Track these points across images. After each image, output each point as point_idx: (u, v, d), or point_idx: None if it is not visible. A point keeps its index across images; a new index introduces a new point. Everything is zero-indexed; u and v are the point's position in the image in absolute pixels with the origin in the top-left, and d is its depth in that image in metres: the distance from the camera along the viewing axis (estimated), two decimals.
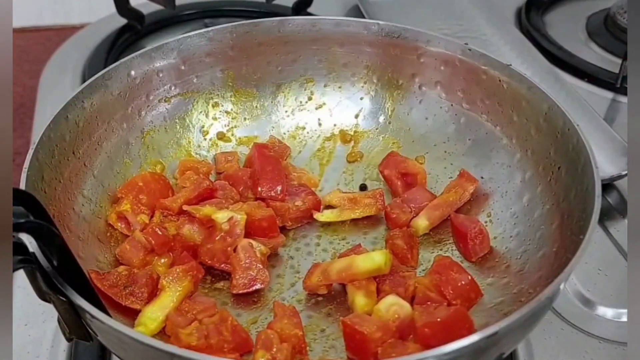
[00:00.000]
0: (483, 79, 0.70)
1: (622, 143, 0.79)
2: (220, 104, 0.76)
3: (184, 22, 1.11)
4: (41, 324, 0.65)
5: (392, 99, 0.76)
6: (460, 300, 0.57)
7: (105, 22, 1.10)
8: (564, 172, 0.60)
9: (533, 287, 0.56)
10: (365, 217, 0.68)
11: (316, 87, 0.78)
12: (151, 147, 0.71)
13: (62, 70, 1.03)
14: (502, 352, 0.49)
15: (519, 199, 0.65)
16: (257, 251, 0.61)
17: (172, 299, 0.57)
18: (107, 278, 0.58)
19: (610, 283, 0.69)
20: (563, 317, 0.66)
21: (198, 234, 0.63)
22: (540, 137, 0.64)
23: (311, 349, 0.56)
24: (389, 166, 0.70)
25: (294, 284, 0.62)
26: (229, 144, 0.75)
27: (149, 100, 0.71)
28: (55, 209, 0.58)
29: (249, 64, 0.75)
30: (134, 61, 0.69)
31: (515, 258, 0.61)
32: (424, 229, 0.66)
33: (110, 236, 0.63)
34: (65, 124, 0.62)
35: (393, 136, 0.76)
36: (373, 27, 0.74)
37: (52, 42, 1.25)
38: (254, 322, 0.58)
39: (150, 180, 0.66)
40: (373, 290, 0.58)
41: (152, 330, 0.55)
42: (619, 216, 0.77)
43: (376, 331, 0.52)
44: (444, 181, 0.71)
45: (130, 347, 0.45)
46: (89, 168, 0.64)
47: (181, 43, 0.72)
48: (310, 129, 0.77)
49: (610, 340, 0.64)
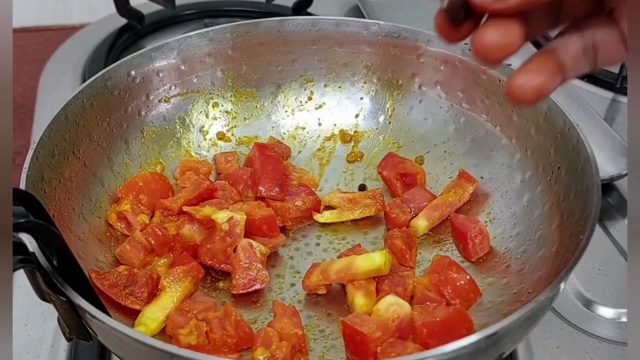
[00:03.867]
0: (483, 79, 0.70)
1: (622, 143, 0.79)
2: (220, 104, 0.76)
3: (184, 22, 1.11)
4: (41, 324, 0.65)
5: (392, 99, 0.76)
6: (459, 300, 0.57)
7: (105, 22, 1.10)
8: (564, 172, 0.60)
9: (533, 287, 0.56)
10: (365, 217, 0.68)
11: (316, 87, 0.78)
12: (151, 147, 0.71)
13: (62, 70, 1.03)
14: (502, 352, 0.50)
15: (519, 199, 0.65)
16: (257, 251, 0.61)
17: (172, 299, 0.57)
18: (107, 278, 0.58)
19: (610, 283, 0.69)
20: (563, 317, 0.66)
21: (198, 234, 0.63)
22: (540, 137, 0.64)
23: (311, 348, 0.56)
24: (388, 167, 0.70)
25: (294, 284, 0.62)
26: (229, 144, 0.75)
27: (149, 100, 0.71)
28: (55, 209, 0.58)
29: (249, 64, 0.76)
30: (134, 61, 0.69)
31: (515, 258, 0.61)
32: (424, 229, 0.66)
33: (110, 236, 0.64)
34: (65, 124, 0.62)
35: (393, 136, 0.76)
36: (373, 27, 0.74)
37: (52, 42, 1.25)
38: (254, 322, 0.58)
39: (150, 180, 0.66)
40: (372, 290, 0.58)
41: (152, 330, 0.55)
42: (619, 216, 0.77)
43: (376, 331, 0.52)
44: (443, 181, 0.71)
45: (130, 347, 0.45)
46: (89, 168, 0.64)
47: (181, 43, 0.72)
48: (310, 129, 0.77)
49: (610, 340, 0.64)
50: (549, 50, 0.40)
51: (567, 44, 0.40)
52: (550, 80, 0.39)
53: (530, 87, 0.38)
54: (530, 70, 0.39)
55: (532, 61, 0.39)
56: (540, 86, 0.38)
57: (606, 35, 0.40)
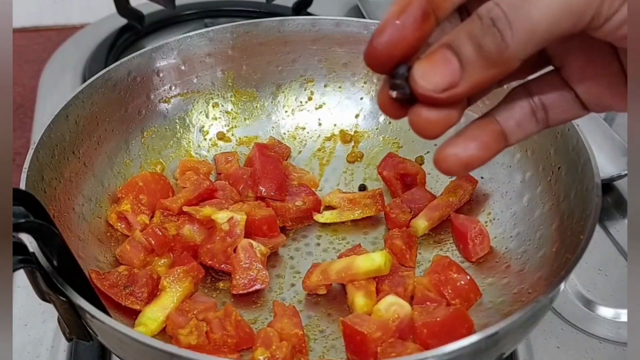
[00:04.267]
0: None
1: (622, 143, 0.79)
2: (220, 104, 0.76)
3: (184, 22, 1.11)
4: (41, 324, 0.65)
5: None
6: (459, 300, 0.57)
7: (105, 22, 1.10)
8: (564, 172, 0.60)
9: (533, 287, 0.56)
10: (365, 217, 0.68)
11: (316, 87, 0.78)
12: (151, 147, 0.71)
13: (62, 70, 1.03)
14: (503, 353, 0.50)
15: (519, 199, 0.65)
16: (257, 251, 0.61)
17: (172, 299, 0.57)
18: (107, 278, 0.58)
19: (610, 283, 0.69)
20: (563, 317, 0.66)
21: (198, 234, 0.63)
22: (540, 137, 0.64)
23: (311, 349, 0.56)
24: (388, 167, 0.70)
25: (294, 284, 0.62)
26: (229, 144, 0.75)
27: (149, 100, 0.71)
28: (55, 209, 0.58)
29: (249, 64, 0.76)
30: (134, 61, 0.69)
31: (516, 258, 0.61)
32: (424, 229, 0.66)
33: (110, 236, 0.64)
34: (65, 124, 0.62)
35: (393, 136, 0.76)
36: (373, 27, 0.74)
37: (52, 42, 1.25)
38: (254, 322, 0.58)
39: (151, 181, 0.66)
40: (372, 291, 0.58)
41: (152, 330, 0.55)
42: (619, 216, 0.77)
43: (376, 331, 0.52)
44: (444, 181, 0.71)
45: (131, 347, 0.45)
46: (89, 168, 0.64)
47: (181, 43, 0.72)
48: (310, 129, 0.77)
49: (610, 340, 0.64)
50: (489, 118, 0.39)
51: (513, 109, 0.39)
52: (482, 151, 0.38)
53: (454, 161, 0.37)
54: (458, 143, 0.38)
55: (466, 131, 0.38)
56: (466, 159, 0.37)
57: (556, 95, 0.39)
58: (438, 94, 0.35)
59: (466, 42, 0.34)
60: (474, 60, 0.34)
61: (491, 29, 0.33)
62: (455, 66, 0.34)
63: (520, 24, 0.32)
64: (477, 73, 0.34)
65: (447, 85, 0.35)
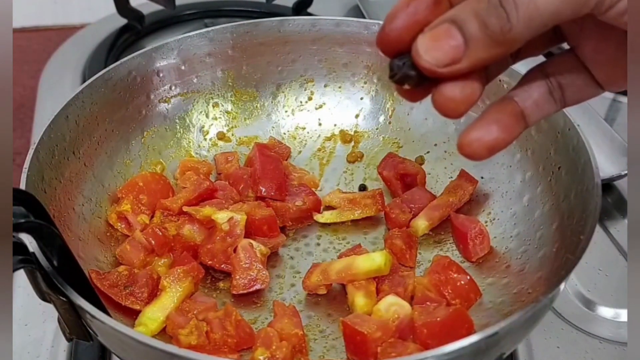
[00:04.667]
0: None
1: (622, 143, 0.79)
2: (220, 104, 0.76)
3: (184, 22, 1.11)
4: (41, 324, 0.65)
5: (393, 99, 0.76)
6: (459, 300, 0.57)
7: (105, 22, 1.10)
8: (564, 172, 0.60)
9: (533, 287, 0.56)
10: (366, 217, 0.68)
11: (316, 87, 0.78)
12: (151, 147, 0.71)
13: (62, 70, 1.03)
14: (503, 353, 0.50)
15: (519, 199, 0.65)
16: (257, 251, 0.61)
17: (172, 299, 0.57)
18: (107, 278, 0.58)
19: (610, 283, 0.69)
20: (563, 317, 0.66)
21: (198, 234, 0.63)
22: (540, 137, 0.64)
23: (311, 349, 0.56)
24: (388, 167, 0.70)
25: (294, 284, 0.62)
26: (229, 144, 0.75)
27: (149, 100, 0.71)
28: (55, 209, 0.58)
29: (249, 64, 0.76)
30: (134, 61, 0.69)
31: (516, 258, 0.61)
32: (424, 229, 0.66)
33: (110, 236, 0.64)
34: (65, 124, 0.62)
35: (393, 136, 0.76)
36: (373, 27, 0.74)
37: (52, 42, 1.25)
38: (254, 322, 0.58)
39: (151, 181, 0.66)
40: (373, 291, 0.58)
41: (152, 330, 0.55)
42: (619, 216, 0.77)
43: (376, 331, 0.52)
44: (444, 181, 0.71)
45: (131, 347, 0.45)
46: (89, 168, 0.64)
47: (181, 43, 0.72)
48: (310, 129, 0.77)
49: (610, 340, 0.64)
50: (507, 100, 0.39)
51: (530, 89, 0.40)
52: (504, 134, 0.38)
53: (479, 145, 0.37)
54: (481, 126, 0.38)
55: (487, 114, 0.38)
56: (491, 143, 0.37)
57: (572, 75, 0.40)
58: (440, 69, 0.35)
59: (471, 19, 0.34)
60: (477, 38, 0.34)
61: (498, 9, 0.33)
62: (459, 42, 0.34)
63: (526, 7, 0.33)
64: (479, 51, 0.34)
65: (449, 61, 0.35)
